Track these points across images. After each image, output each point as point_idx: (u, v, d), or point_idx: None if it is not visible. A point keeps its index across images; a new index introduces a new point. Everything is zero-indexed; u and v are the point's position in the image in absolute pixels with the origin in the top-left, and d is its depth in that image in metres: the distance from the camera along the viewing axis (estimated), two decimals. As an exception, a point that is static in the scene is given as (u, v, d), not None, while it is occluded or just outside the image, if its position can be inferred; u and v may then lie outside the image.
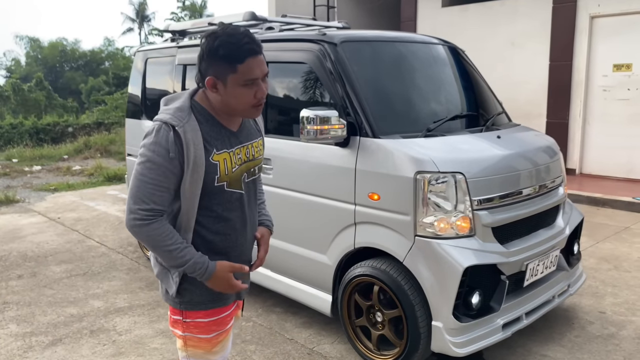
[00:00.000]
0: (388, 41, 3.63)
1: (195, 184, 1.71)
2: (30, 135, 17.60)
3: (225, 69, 1.67)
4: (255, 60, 1.68)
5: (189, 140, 1.68)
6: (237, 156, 1.80)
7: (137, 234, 1.72)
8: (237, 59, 1.66)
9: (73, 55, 46.42)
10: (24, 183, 9.55)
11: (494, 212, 2.98)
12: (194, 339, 1.87)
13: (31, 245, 5.73)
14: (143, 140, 1.72)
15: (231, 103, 1.73)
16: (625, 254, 5.21)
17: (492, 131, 3.47)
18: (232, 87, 1.69)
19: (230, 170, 1.78)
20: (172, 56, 4.69)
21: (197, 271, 1.73)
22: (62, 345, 3.49)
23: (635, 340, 3.49)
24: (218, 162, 1.75)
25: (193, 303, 1.84)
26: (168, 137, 1.67)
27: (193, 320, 1.85)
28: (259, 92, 1.72)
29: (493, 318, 2.98)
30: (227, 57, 1.66)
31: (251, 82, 1.69)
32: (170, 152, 1.67)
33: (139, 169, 1.70)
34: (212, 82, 1.71)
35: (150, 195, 1.68)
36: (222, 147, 1.77)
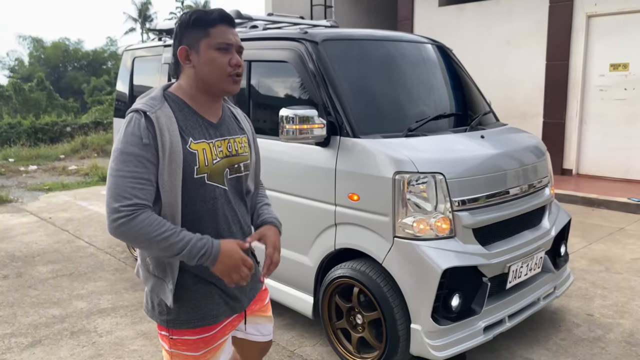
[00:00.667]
0: (371, 40, 3.58)
1: (174, 175, 1.60)
2: (29, 135, 17.60)
3: (197, 34, 1.64)
4: (228, 28, 1.66)
5: (162, 126, 1.59)
6: (217, 149, 1.71)
7: (124, 234, 1.54)
8: (208, 23, 1.65)
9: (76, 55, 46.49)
10: (18, 183, 9.54)
11: (475, 213, 2.93)
12: (181, 356, 1.74)
13: (20, 245, 5.70)
14: (116, 136, 1.64)
15: (205, 72, 1.65)
16: (618, 255, 5.15)
17: (476, 131, 3.42)
18: (205, 52, 1.64)
19: (211, 162, 1.68)
20: (159, 55, 4.66)
21: (202, 250, 1.56)
22: (40, 347, 3.46)
23: (622, 344, 3.43)
24: (197, 151, 1.65)
25: (180, 321, 1.70)
26: (140, 124, 1.58)
27: (180, 337, 1.73)
28: (233, 59, 1.66)
29: (474, 321, 2.93)
30: (198, 21, 1.65)
31: (225, 46, 1.65)
32: (143, 139, 1.56)
33: (113, 165, 1.58)
34: (185, 52, 1.67)
35: (131, 189, 1.54)
36: (200, 136, 1.67)
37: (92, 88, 37.20)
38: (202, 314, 1.71)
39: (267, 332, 2.03)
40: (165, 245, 1.54)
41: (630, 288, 4.33)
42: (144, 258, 1.75)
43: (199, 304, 1.71)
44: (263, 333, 2.01)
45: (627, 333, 3.57)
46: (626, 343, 3.44)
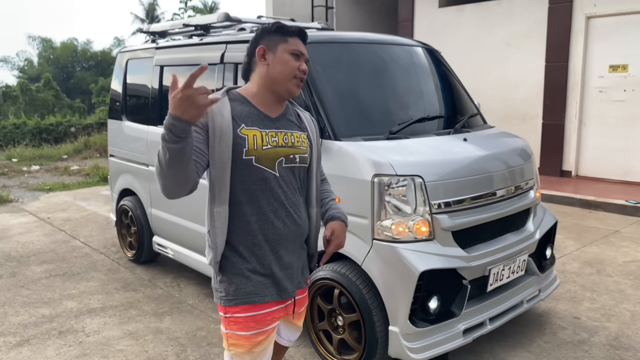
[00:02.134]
0: (357, 43, 3.59)
1: (224, 153, 1.80)
2: (33, 135, 17.74)
3: (277, 39, 1.91)
4: (301, 43, 1.94)
5: (214, 109, 1.80)
6: (271, 138, 1.88)
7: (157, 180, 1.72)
8: (289, 33, 1.93)
9: (84, 56, 46.73)
10: (20, 183, 9.63)
11: (454, 215, 2.94)
12: (234, 336, 1.91)
13: (16, 245, 5.76)
14: None
15: (277, 70, 1.89)
16: (610, 258, 5.13)
17: (460, 134, 3.43)
18: (281, 54, 1.89)
19: (260, 147, 1.85)
20: (151, 57, 4.70)
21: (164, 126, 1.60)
22: (28, 346, 3.50)
23: (606, 347, 3.43)
24: (247, 135, 1.84)
25: (229, 297, 1.88)
26: None
27: (232, 315, 1.89)
28: (302, 65, 1.92)
29: (453, 323, 2.94)
30: (280, 30, 1.92)
31: (298, 54, 1.91)
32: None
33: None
34: (263, 50, 1.91)
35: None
36: (253, 124, 1.87)
37: (99, 88, 37.38)
38: (247, 290, 1.88)
39: (292, 338, 2.26)
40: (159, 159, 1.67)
41: (620, 291, 4.32)
42: (207, 234, 1.93)
43: (245, 281, 1.88)
44: (289, 339, 2.25)
45: (612, 336, 3.57)
46: (610, 346, 3.44)
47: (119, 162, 5.19)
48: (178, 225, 4.35)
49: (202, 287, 4.47)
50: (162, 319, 3.88)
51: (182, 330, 3.70)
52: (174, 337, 3.61)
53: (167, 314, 3.97)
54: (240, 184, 1.85)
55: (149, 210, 4.75)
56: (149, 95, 4.63)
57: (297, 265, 2.01)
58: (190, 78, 1.54)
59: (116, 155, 5.26)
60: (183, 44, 4.34)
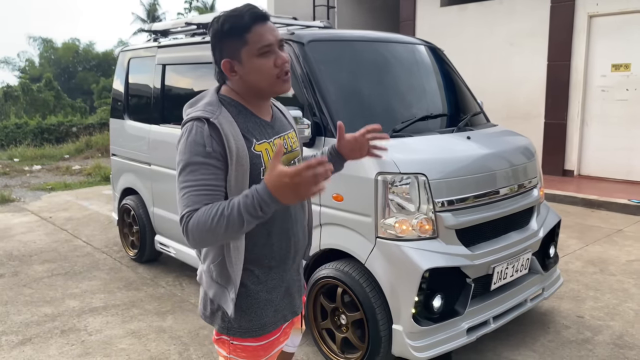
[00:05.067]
0: (359, 41, 3.58)
1: (242, 178, 1.56)
2: (35, 135, 17.76)
3: (235, 44, 1.56)
4: (263, 27, 1.56)
5: (227, 131, 1.53)
6: (273, 147, 1.67)
7: (193, 237, 1.47)
8: (243, 29, 1.55)
9: (86, 56, 46.75)
10: (22, 182, 9.64)
11: (458, 213, 2.93)
12: None
13: (18, 244, 5.76)
14: (177, 148, 1.56)
15: (253, 80, 1.59)
16: (613, 257, 5.11)
17: (463, 132, 3.42)
18: (249, 61, 1.57)
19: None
20: (153, 56, 4.69)
21: (255, 203, 1.39)
22: (30, 345, 3.50)
23: (610, 346, 3.41)
24: (261, 152, 1.61)
25: (242, 330, 1.67)
26: (203, 132, 1.52)
27: (241, 344, 1.69)
28: (278, 59, 1.57)
29: (457, 322, 2.93)
30: (232, 29, 1.56)
31: (266, 49, 1.56)
32: (206, 147, 1.50)
33: (181, 177, 1.52)
34: (228, 64, 1.59)
35: (197, 197, 1.49)
36: (261, 137, 1.63)
37: (101, 88, 37.40)
38: (263, 322, 1.69)
39: (297, 343, 2.03)
40: (224, 224, 1.43)
41: (624, 290, 4.30)
42: (209, 265, 1.70)
43: (261, 312, 1.68)
44: (294, 344, 2.02)
45: (616, 335, 3.55)
46: (614, 345, 3.42)
47: (121, 161, 5.18)
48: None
49: (205, 286, 4.45)
50: (165, 318, 3.87)
51: (185, 329, 3.69)
52: (177, 336, 3.60)
53: (170, 313, 3.96)
54: None
55: (151, 209, 4.75)
56: (151, 94, 4.62)
57: (301, 271, 1.87)
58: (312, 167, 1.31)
59: (118, 155, 5.25)
60: (185, 42, 4.33)
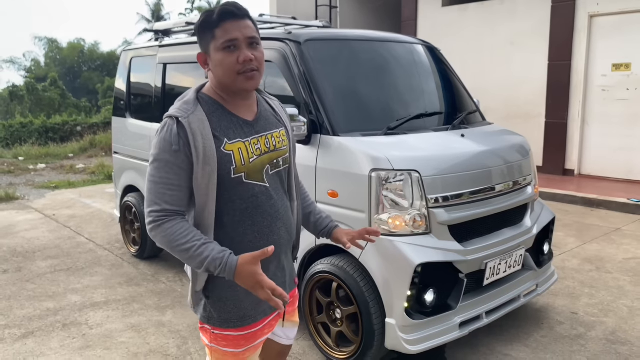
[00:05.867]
0: (355, 40, 3.64)
1: (209, 177, 1.61)
2: (40, 134, 17.90)
3: (207, 38, 1.64)
4: (233, 23, 1.61)
5: (195, 131, 1.59)
6: (254, 146, 1.69)
7: (154, 238, 1.62)
8: (212, 24, 1.62)
9: (91, 56, 46.90)
10: (26, 181, 9.73)
11: (450, 210, 2.98)
12: (220, 352, 1.75)
13: (22, 241, 5.84)
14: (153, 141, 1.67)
15: (218, 75, 1.65)
16: (611, 255, 5.15)
17: (458, 130, 3.47)
18: (215, 55, 1.63)
19: (248, 161, 1.67)
20: (154, 55, 4.76)
21: (218, 268, 1.55)
22: (33, 338, 3.57)
23: (602, 341, 3.45)
24: (232, 151, 1.64)
25: (221, 320, 1.72)
26: (172, 131, 1.60)
27: (221, 332, 1.74)
28: (241, 55, 1.61)
29: (450, 316, 2.98)
30: (205, 24, 1.64)
31: (230, 44, 1.60)
32: (173, 145, 1.58)
33: (149, 170, 1.64)
34: (202, 57, 1.69)
35: (161, 195, 1.60)
36: (235, 136, 1.66)
37: (105, 88, 37.55)
38: (241, 314, 1.73)
39: (292, 335, 2.04)
40: (185, 257, 1.59)
41: (619, 287, 4.34)
42: None
43: (240, 304, 1.72)
44: (288, 336, 2.03)
45: (609, 331, 3.59)
46: (607, 341, 3.46)
47: (123, 159, 5.25)
48: (180, 221, 4.40)
49: (204, 282, 4.52)
50: (165, 313, 3.94)
51: (184, 324, 3.75)
52: (176, 330, 3.67)
53: (170, 308, 4.03)
54: (230, 203, 1.67)
55: (152, 206, 4.81)
56: (152, 92, 4.69)
57: (288, 268, 1.88)
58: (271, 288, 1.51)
59: (120, 152, 5.33)
60: (185, 42, 4.40)
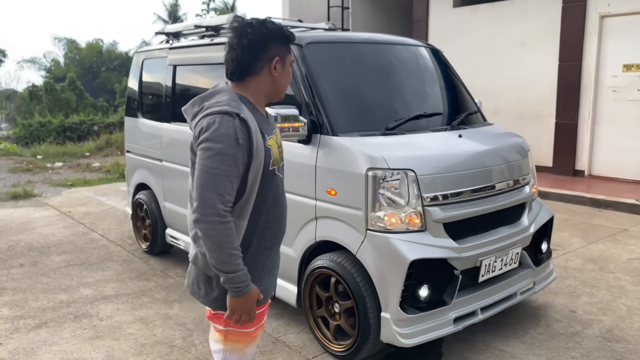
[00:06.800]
0: (357, 42, 3.74)
1: (258, 170, 1.78)
2: (58, 133, 18.28)
3: (286, 50, 1.88)
4: None
5: (251, 127, 1.75)
6: (275, 141, 1.93)
7: (209, 231, 1.68)
8: (292, 41, 1.89)
9: (109, 57, 47.48)
10: (44, 178, 9.98)
11: (445, 208, 3.06)
12: (235, 332, 1.92)
13: (38, 236, 6.04)
14: (203, 135, 1.71)
15: (283, 83, 1.90)
16: (615, 255, 5.17)
17: (457, 130, 3.55)
18: (288, 66, 1.90)
19: (277, 155, 1.90)
20: (165, 57, 4.90)
21: (241, 284, 1.73)
22: (46, 328, 3.73)
23: (598, 339, 3.51)
24: (271, 146, 1.86)
25: None
26: (235, 125, 1.71)
27: None
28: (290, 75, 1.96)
29: (444, 311, 3.06)
30: (289, 39, 1.87)
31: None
32: (239, 139, 1.70)
33: (209, 162, 1.69)
34: (277, 62, 1.86)
35: (224, 187, 1.69)
36: (268, 133, 1.87)
37: (123, 88, 38.01)
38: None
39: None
40: (226, 260, 1.70)
41: (620, 287, 4.38)
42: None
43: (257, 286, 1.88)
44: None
45: (605, 329, 3.64)
46: (602, 338, 3.52)
47: (135, 157, 5.41)
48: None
49: (212, 278, 4.65)
50: (172, 306, 4.08)
51: (190, 317, 3.88)
52: (182, 322, 3.80)
53: (177, 302, 4.16)
54: (262, 194, 1.85)
55: (162, 203, 4.96)
56: (163, 93, 4.84)
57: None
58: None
59: (132, 151, 5.49)
60: (194, 44, 4.53)
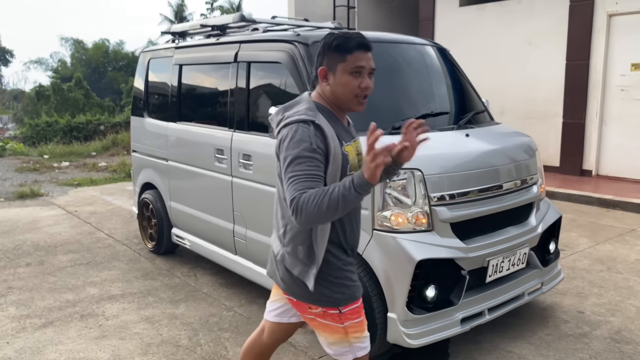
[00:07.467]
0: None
1: (335, 174, 1.87)
2: (64, 133, 18.35)
3: (336, 58, 1.90)
4: (363, 54, 1.90)
5: (327, 133, 1.85)
6: (354, 148, 2.00)
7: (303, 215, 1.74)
8: (347, 50, 1.89)
9: (116, 57, 47.65)
10: (50, 178, 10.02)
11: (452, 208, 3.04)
12: (354, 325, 2.02)
13: (45, 235, 6.05)
14: (283, 145, 1.84)
15: (338, 92, 1.92)
16: (623, 255, 5.13)
17: (464, 129, 3.52)
18: (341, 75, 1.90)
19: (355, 162, 1.97)
20: (171, 56, 4.90)
21: (361, 187, 1.69)
22: (52, 328, 3.73)
23: (607, 340, 3.47)
24: (348, 152, 1.94)
25: (345, 297, 2.00)
26: (310, 132, 1.82)
27: (349, 308, 2.01)
28: (363, 82, 1.90)
29: (451, 312, 3.04)
30: (339, 47, 1.89)
31: (357, 70, 1.89)
32: (312, 144, 1.81)
33: (288, 169, 1.80)
34: (324, 72, 1.94)
35: (304, 184, 1.77)
36: (346, 139, 1.96)
37: (129, 88, 38.14)
38: (357, 286, 2.05)
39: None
40: (331, 199, 1.70)
41: (628, 287, 4.34)
42: (295, 247, 1.98)
43: (351, 280, 2.02)
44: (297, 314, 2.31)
45: (614, 330, 3.61)
46: (611, 339, 3.48)
47: (141, 157, 5.41)
48: (195, 217, 4.55)
49: (217, 277, 4.65)
50: (178, 306, 4.07)
51: (196, 316, 3.88)
52: (188, 322, 3.79)
53: (183, 301, 4.16)
54: None
55: (168, 203, 4.96)
56: (169, 93, 4.83)
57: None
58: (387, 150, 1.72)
59: (138, 151, 5.49)
60: (200, 43, 4.53)
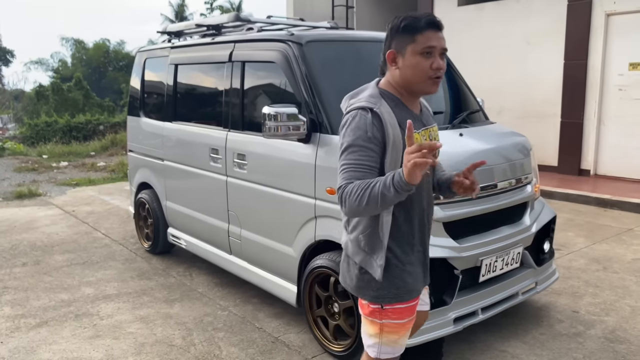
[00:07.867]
0: (357, 41, 3.72)
1: (395, 163, 1.80)
2: (64, 133, 18.37)
3: (405, 40, 1.83)
4: (434, 34, 1.82)
5: (386, 121, 1.79)
6: (422, 137, 1.93)
7: (344, 202, 1.74)
8: (416, 30, 1.82)
9: (116, 57, 47.65)
10: (49, 178, 10.02)
11: (445, 207, 3.04)
12: (392, 325, 1.97)
13: (42, 235, 6.06)
14: (341, 132, 1.84)
15: (408, 75, 1.84)
16: (619, 255, 5.13)
17: (458, 129, 3.52)
18: (410, 57, 1.82)
19: None
20: (167, 56, 4.90)
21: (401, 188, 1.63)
22: (46, 327, 3.73)
23: (601, 340, 3.47)
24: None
25: (390, 296, 1.94)
26: (366, 120, 1.79)
27: (392, 307, 1.95)
28: (435, 62, 1.81)
29: (444, 311, 3.04)
30: (407, 27, 1.83)
31: (428, 51, 1.81)
32: (367, 132, 1.77)
33: (342, 157, 1.80)
34: (393, 55, 1.87)
35: (352, 174, 1.76)
36: (416, 127, 1.87)
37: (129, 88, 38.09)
38: (409, 288, 1.96)
39: (427, 300, 2.33)
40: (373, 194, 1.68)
41: (624, 287, 4.34)
42: (357, 235, 1.94)
43: (407, 280, 1.95)
44: (426, 302, 2.32)
45: (608, 330, 3.61)
46: (605, 339, 3.48)
47: (138, 157, 5.41)
48: (190, 217, 4.55)
49: (213, 277, 4.65)
50: (172, 305, 4.08)
51: (190, 316, 3.88)
52: (182, 322, 3.79)
53: (177, 301, 4.16)
54: None
55: (164, 202, 4.96)
56: (165, 92, 4.83)
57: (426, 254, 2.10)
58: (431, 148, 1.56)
59: (135, 151, 5.49)
60: (195, 43, 4.53)
